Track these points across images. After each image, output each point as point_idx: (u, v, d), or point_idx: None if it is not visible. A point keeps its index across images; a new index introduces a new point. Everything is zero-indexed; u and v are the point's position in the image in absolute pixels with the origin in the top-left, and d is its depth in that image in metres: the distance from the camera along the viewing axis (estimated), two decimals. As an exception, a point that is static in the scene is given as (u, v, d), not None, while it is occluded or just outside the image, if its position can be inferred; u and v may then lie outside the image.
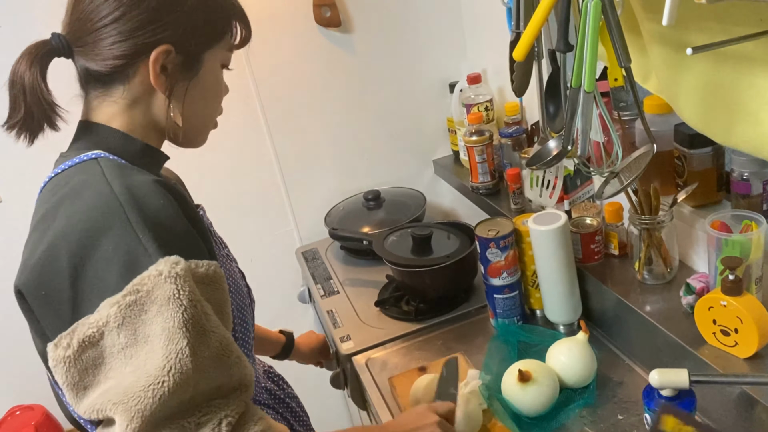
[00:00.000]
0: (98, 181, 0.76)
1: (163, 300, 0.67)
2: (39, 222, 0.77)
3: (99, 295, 0.68)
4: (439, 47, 1.94)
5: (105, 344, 0.68)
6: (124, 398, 0.66)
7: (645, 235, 1.20)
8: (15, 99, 0.82)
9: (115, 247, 0.69)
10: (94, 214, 0.72)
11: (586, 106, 0.87)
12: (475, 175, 1.71)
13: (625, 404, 1.14)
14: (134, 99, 0.85)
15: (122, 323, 0.67)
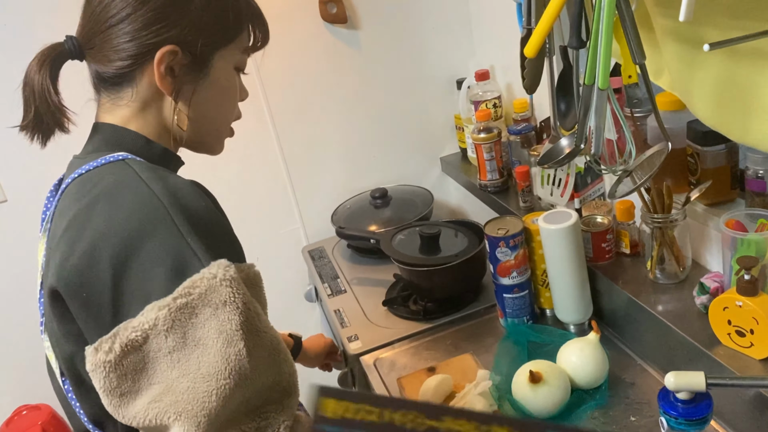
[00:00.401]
0: (135, 182, 0.74)
1: (218, 303, 0.66)
2: (72, 221, 0.74)
3: (143, 298, 0.67)
4: (447, 43, 1.92)
5: (149, 348, 0.66)
6: (187, 405, 0.64)
7: (657, 233, 1.18)
8: (27, 101, 0.81)
9: (162, 251, 0.68)
10: (137, 216, 0.70)
11: (599, 104, 0.85)
12: (483, 172, 1.70)
13: (637, 405, 1.13)
14: (144, 102, 0.84)
15: (171, 327, 0.66)
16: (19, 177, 1.71)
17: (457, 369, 1.30)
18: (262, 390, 0.70)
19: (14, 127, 0.84)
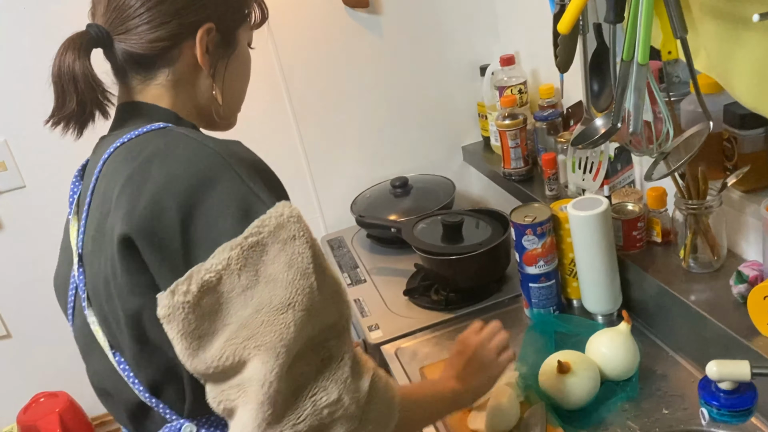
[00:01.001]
0: (187, 140, 0.76)
1: (287, 238, 0.69)
2: (126, 183, 0.75)
3: (213, 241, 0.69)
4: (470, 29, 1.88)
5: (223, 289, 0.68)
6: (265, 338, 0.66)
7: (691, 220, 1.14)
8: (64, 92, 0.81)
9: (227, 196, 0.70)
10: (197, 167, 0.72)
11: (639, 80, 0.81)
12: (508, 160, 1.66)
13: (670, 398, 1.09)
14: (178, 80, 0.85)
15: (244, 265, 0.68)
16: (36, 163, 1.70)
17: (481, 359, 1.26)
18: (324, 328, 0.72)
19: (48, 120, 0.83)
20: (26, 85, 1.63)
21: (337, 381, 0.70)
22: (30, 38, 1.60)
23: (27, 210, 1.73)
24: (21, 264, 1.77)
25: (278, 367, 0.66)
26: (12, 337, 1.83)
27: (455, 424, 1.14)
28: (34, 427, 1.71)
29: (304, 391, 0.69)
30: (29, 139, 1.68)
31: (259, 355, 0.67)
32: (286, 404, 0.68)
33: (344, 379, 0.71)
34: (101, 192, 0.80)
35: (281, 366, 0.67)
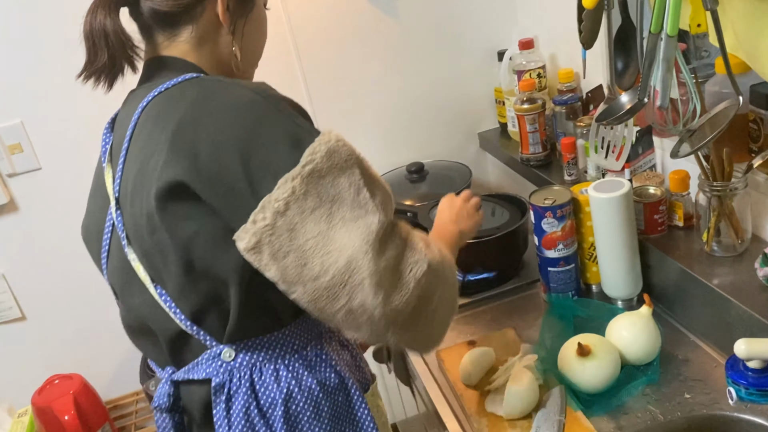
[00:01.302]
0: (224, 85, 0.82)
1: (339, 161, 0.77)
2: (178, 129, 0.79)
3: (274, 174, 0.75)
4: (488, 13, 1.86)
5: (293, 213, 0.75)
6: (351, 240, 0.75)
7: (715, 203, 1.12)
8: (95, 47, 0.87)
9: (275, 132, 0.77)
10: (243, 108, 0.78)
11: (668, 51, 0.79)
12: (526, 145, 1.64)
13: (692, 383, 1.07)
14: (201, 37, 0.89)
15: (306, 191, 0.75)
16: (52, 145, 1.70)
17: (499, 343, 1.25)
18: (388, 222, 0.79)
19: (80, 74, 0.89)
20: (42, 68, 1.63)
21: (421, 254, 0.79)
22: (45, 22, 1.60)
23: (42, 192, 1.73)
24: (36, 246, 1.77)
25: (373, 256, 0.74)
26: (27, 319, 1.83)
27: (473, 407, 1.12)
28: (49, 409, 1.71)
29: (401, 269, 0.77)
30: (45, 121, 1.68)
31: (356, 257, 0.74)
32: (393, 283, 0.76)
33: (423, 251, 0.80)
34: (144, 137, 0.84)
35: (375, 254, 0.75)
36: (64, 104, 1.67)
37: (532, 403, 1.07)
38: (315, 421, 0.88)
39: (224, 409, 0.86)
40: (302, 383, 0.88)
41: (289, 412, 0.86)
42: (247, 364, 0.87)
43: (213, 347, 0.86)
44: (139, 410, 1.91)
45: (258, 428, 0.86)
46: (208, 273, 0.81)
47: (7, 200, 1.70)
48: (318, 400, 0.88)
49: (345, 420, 0.91)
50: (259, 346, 0.87)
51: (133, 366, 1.89)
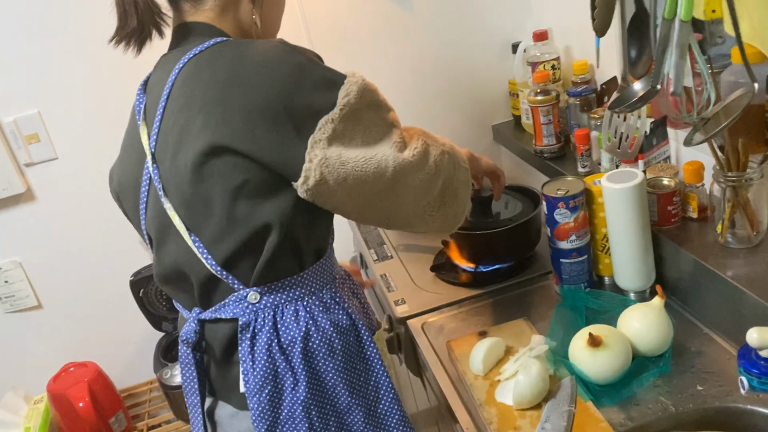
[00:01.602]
0: (255, 43, 0.90)
1: (369, 99, 0.90)
2: (217, 89, 0.87)
3: (314, 117, 0.86)
4: (502, 5, 1.85)
5: (337, 145, 0.88)
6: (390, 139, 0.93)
7: (730, 194, 1.11)
8: (125, 13, 0.94)
9: (309, 78, 0.87)
10: (277, 61, 0.87)
11: (682, 37, 0.78)
12: (539, 137, 1.63)
13: (705, 374, 1.06)
14: (224, 5, 0.97)
15: (344, 127, 0.87)
16: (68, 135, 1.72)
17: (509, 334, 1.25)
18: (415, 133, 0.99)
19: (112, 39, 0.96)
20: (58, 59, 1.65)
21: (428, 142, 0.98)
22: (62, 13, 1.61)
23: (59, 181, 1.75)
24: (52, 235, 1.79)
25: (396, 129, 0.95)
26: (43, 307, 1.86)
27: (482, 397, 1.12)
28: (64, 396, 1.73)
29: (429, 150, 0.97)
30: (62, 111, 1.70)
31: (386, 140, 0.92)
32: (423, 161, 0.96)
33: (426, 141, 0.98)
34: (183, 97, 0.91)
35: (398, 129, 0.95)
36: (80, 95, 1.69)
37: (542, 393, 1.07)
38: (329, 357, 0.97)
39: (249, 346, 0.96)
40: (318, 323, 0.97)
41: (306, 349, 0.96)
42: (271, 305, 0.96)
43: (240, 290, 0.96)
44: (153, 399, 1.93)
45: (278, 363, 0.95)
46: (247, 221, 0.90)
47: (25, 189, 1.72)
48: (332, 339, 0.97)
49: (356, 357, 1.00)
50: (281, 289, 0.96)
51: (148, 355, 1.92)
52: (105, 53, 1.68)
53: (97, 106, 1.71)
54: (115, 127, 1.73)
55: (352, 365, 1.00)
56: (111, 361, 1.92)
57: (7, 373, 1.88)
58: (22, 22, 1.61)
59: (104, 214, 1.79)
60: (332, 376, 0.98)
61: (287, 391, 0.96)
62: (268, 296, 0.96)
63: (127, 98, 1.72)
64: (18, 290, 1.81)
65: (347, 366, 0.99)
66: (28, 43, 1.62)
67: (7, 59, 1.62)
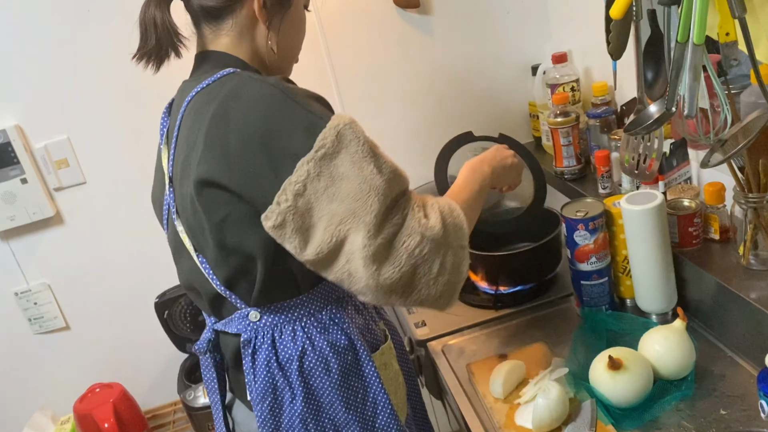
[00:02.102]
0: (251, 82, 0.92)
1: (346, 143, 0.87)
2: (211, 126, 0.91)
3: (293, 159, 0.86)
4: (521, 27, 1.86)
5: (309, 192, 0.86)
6: (352, 219, 0.85)
7: (752, 215, 1.10)
8: (146, 33, 1.00)
9: (292, 121, 0.87)
10: (265, 103, 0.88)
11: (694, 59, 0.79)
12: (560, 159, 1.63)
13: (728, 398, 1.04)
14: (241, 31, 1.01)
15: (320, 172, 0.86)
16: (96, 161, 1.76)
17: (530, 357, 1.24)
18: (395, 196, 0.90)
19: (134, 56, 1.02)
20: (88, 86, 1.70)
21: (416, 228, 0.88)
22: (92, 42, 1.66)
23: (87, 205, 1.79)
24: (81, 258, 1.83)
25: (369, 234, 0.85)
26: (71, 329, 1.89)
27: (502, 420, 1.12)
28: (90, 416, 1.76)
29: (395, 243, 0.87)
30: (90, 137, 1.74)
31: (352, 232, 0.86)
32: (385, 256, 0.87)
33: (420, 224, 0.89)
34: (188, 128, 0.97)
35: (371, 233, 0.85)
36: (108, 121, 1.73)
37: (562, 417, 1.06)
38: (325, 376, 1.01)
39: (251, 361, 1.02)
40: (315, 343, 1.01)
41: (303, 367, 1.01)
42: (270, 324, 1.02)
43: (242, 308, 1.02)
44: (177, 420, 1.95)
45: (277, 378, 1.01)
46: (237, 250, 0.94)
47: (54, 213, 1.76)
48: (327, 358, 1.01)
49: (353, 376, 1.04)
50: (280, 310, 1.01)
51: (172, 376, 1.93)
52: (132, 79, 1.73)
53: (125, 132, 1.75)
54: (142, 152, 1.77)
55: (348, 383, 1.04)
56: (136, 382, 1.94)
57: (35, 394, 1.92)
58: (52, 51, 1.66)
59: (130, 237, 1.83)
60: (328, 393, 1.02)
61: (286, 404, 1.02)
62: (268, 316, 1.02)
63: (152, 123, 1.76)
64: (46, 312, 1.85)
65: (344, 384, 1.03)
66: (58, 71, 1.67)
67: (38, 86, 1.68)
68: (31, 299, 1.83)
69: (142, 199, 1.81)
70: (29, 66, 1.66)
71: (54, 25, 1.64)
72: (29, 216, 1.74)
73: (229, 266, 0.97)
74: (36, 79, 1.67)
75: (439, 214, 0.92)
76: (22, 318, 1.85)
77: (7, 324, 1.85)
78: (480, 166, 1.16)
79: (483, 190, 1.12)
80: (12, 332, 1.86)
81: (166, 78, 1.68)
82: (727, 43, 0.83)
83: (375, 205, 0.86)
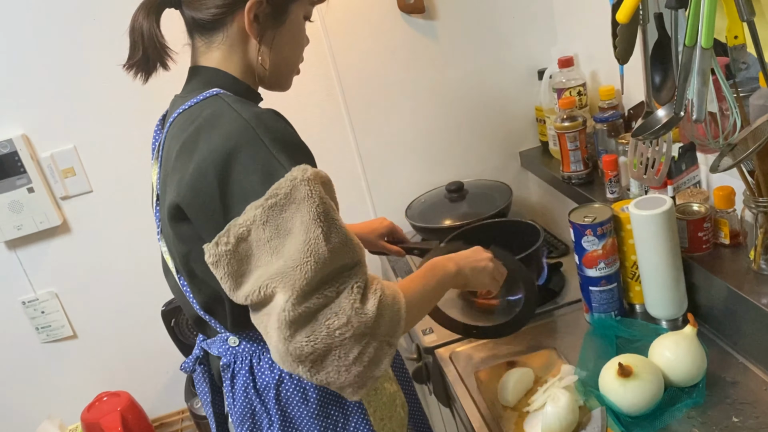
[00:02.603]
0: (228, 111, 0.88)
1: (299, 199, 0.82)
2: (181, 150, 0.89)
3: (244, 200, 0.83)
4: (527, 32, 1.86)
5: (252, 239, 0.83)
6: (285, 278, 0.81)
7: (762, 219, 1.08)
8: (134, 43, 0.97)
9: (254, 162, 0.83)
10: (232, 137, 0.85)
11: (703, 63, 0.78)
12: (567, 164, 1.62)
13: (740, 406, 1.03)
14: (232, 45, 0.97)
15: (266, 221, 0.82)
16: (102, 169, 1.77)
17: (538, 364, 1.23)
18: (338, 267, 0.85)
19: (122, 65, 0.99)
20: (94, 95, 1.70)
21: (347, 308, 0.83)
22: (97, 51, 1.67)
23: (93, 214, 1.79)
24: (87, 266, 1.83)
25: (293, 299, 0.81)
26: (78, 337, 1.89)
27: (511, 428, 1.10)
28: (97, 425, 1.75)
29: (319, 316, 0.83)
30: (96, 146, 1.74)
31: (279, 291, 0.82)
32: (303, 326, 0.82)
33: (352, 306, 0.83)
34: (167, 149, 0.95)
35: (296, 299, 0.81)
36: (114, 130, 1.74)
37: (572, 425, 1.05)
38: (302, 404, 1.00)
39: (230, 385, 1.02)
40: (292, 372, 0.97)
41: (280, 395, 1.00)
42: (248, 350, 1.01)
43: (222, 333, 1.02)
44: (185, 428, 1.94)
45: (255, 405, 1.00)
46: (206, 282, 0.94)
47: (61, 222, 1.76)
48: (305, 388, 1.00)
49: (333, 405, 1.01)
50: (258, 338, 1.00)
51: (179, 384, 1.93)
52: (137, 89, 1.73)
53: (130, 140, 1.75)
54: (147, 161, 1.77)
55: (327, 413, 1.01)
56: (143, 390, 1.94)
57: (43, 402, 1.92)
58: (58, 60, 1.66)
59: (137, 246, 1.83)
60: (306, 421, 1.00)
61: (264, 429, 1.01)
62: (247, 342, 1.01)
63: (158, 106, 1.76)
64: (54, 321, 1.85)
65: (321, 413, 1.00)
66: (63, 79, 1.68)
67: (44, 96, 1.68)
68: (39, 308, 1.83)
69: (148, 207, 1.81)
70: (35, 76, 1.67)
71: (59, 35, 1.65)
72: (36, 225, 1.74)
73: (203, 294, 0.97)
74: (42, 88, 1.68)
75: (377, 302, 0.86)
76: (30, 327, 1.85)
77: (15, 333, 1.85)
78: (444, 262, 1.08)
79: (441, 287, 1.06)
80: (20, 341, 1.86)
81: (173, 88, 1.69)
82: (736, 46, 0.82)
83: (310, 273, 0.81)
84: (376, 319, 0.85)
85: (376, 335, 0.86)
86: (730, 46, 0.83)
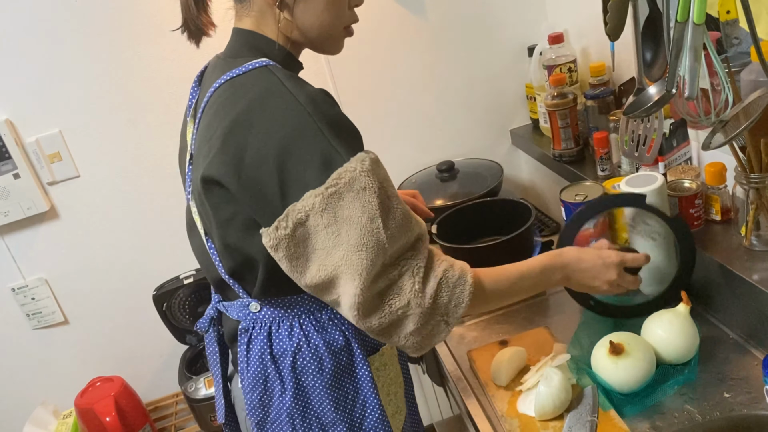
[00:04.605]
0: (281, 91, 0.88)
1: (359, 189, 0.84)
2: (231, 127, 0.89)
3: (303, 188, 0.84)
4: (517, 8, 1.83)
5: (310, 224, 0.85)
6: (348, 266, 0.85)
7: (753, 195, 1.08)
8: (182, 8, 1.00)
9: (312, 151, 0.84)
10: (288, 122, 0.85)
11: (695, 40, 0.76)
12: (557, 141, 1.61)
13: (732, 382, 1.04)
14: (260, 11, 0.97)
15: (324, 208, 0.84)
16: (89, 154, 1.74)
17: (531, 343, 1.23)
18: (399, 249, 0.88)
19: (175, 29, 1.03)
20: (79, 79, 1.67)
21: (407, 290, 0.88)
22: (81, 35, 1.64)
23: (81, 199, 1.77)
24: (77, 252, 1.82)
25: (362, 285, 0.85)
26: (69, 323, 1.88)
27: (504, 408, 1.11)
28: (91, 411, 1.75)
29: (385, 297, 0.88)
30: (83, 130, 1.72)
31: (346, 277, 0.86)
32: (373, 307, 0.88)
33: (412, 288, 0.88)
34: (210, 116, 0.94)
35: (364, 284, 0.85)
36: (100, 113, 1.71)
37: (564, 403, 1.05)
38: (317, 374, 1.01)
39: (245, 349, 1.03)
40: (311, 341, 1.01)
41: (296, 363, 1.01)
42: (269, 317, 1.02)
43: (244, 297, 1.02)
44: (179, 411, 1.95)
45: (269, 371, 1.02)
46: (240, 250, 0.95)
47: (48, 208, 1.74)
48: (322, 357, 1.01)
49: (346, 376, 1.03)
50: (279, 305, 1.01)
51: (173, 368, 1.93)
52: (124, 72, 1.70)
53: (117, 124, 1.72)
54: (134, 144, 1.75)
55: (340, 383, 1.03)
56: (137, 375, 1.94)
57: (36, 389, 1.91)
58: (43, 45, 1.63)
59: (126, 230, 1.81)
60: (319, 391, 1.02)
61: (276, 396, 1.03)
62: (268, 309, 1.02)
63: (145, 115, 1.74)
64: (44, 307, 1.83)
65: (335, 384, 1.02)
66: (48, 63, 1.65)
67: (28, 80, 1.65)
68: (29, 294, 1.81)
69: (136, 191, 1.80)
70: (18, 60, 1.63)
71: (42, 18, 1.61)
72: (23, 211, 1.72)
73: (233, 261, 0.98)
74: (25, 73, 1.65)
75: (435, 287, 0.90)
76: (20, 313, 1.83)
77: (5, 320, 1.84)
78: (552, 272, 1.04)
79: (534, 289, 1.04)
80: (10, 328, 1.85)
81: (158, 70, 1.67)
82: (728, 21, 0.80)
83: (374, 260, 0.85)
84: (432, 305, 0.90)
85: (434, 314, 0.90)
86: (722, 21, 0.82)
